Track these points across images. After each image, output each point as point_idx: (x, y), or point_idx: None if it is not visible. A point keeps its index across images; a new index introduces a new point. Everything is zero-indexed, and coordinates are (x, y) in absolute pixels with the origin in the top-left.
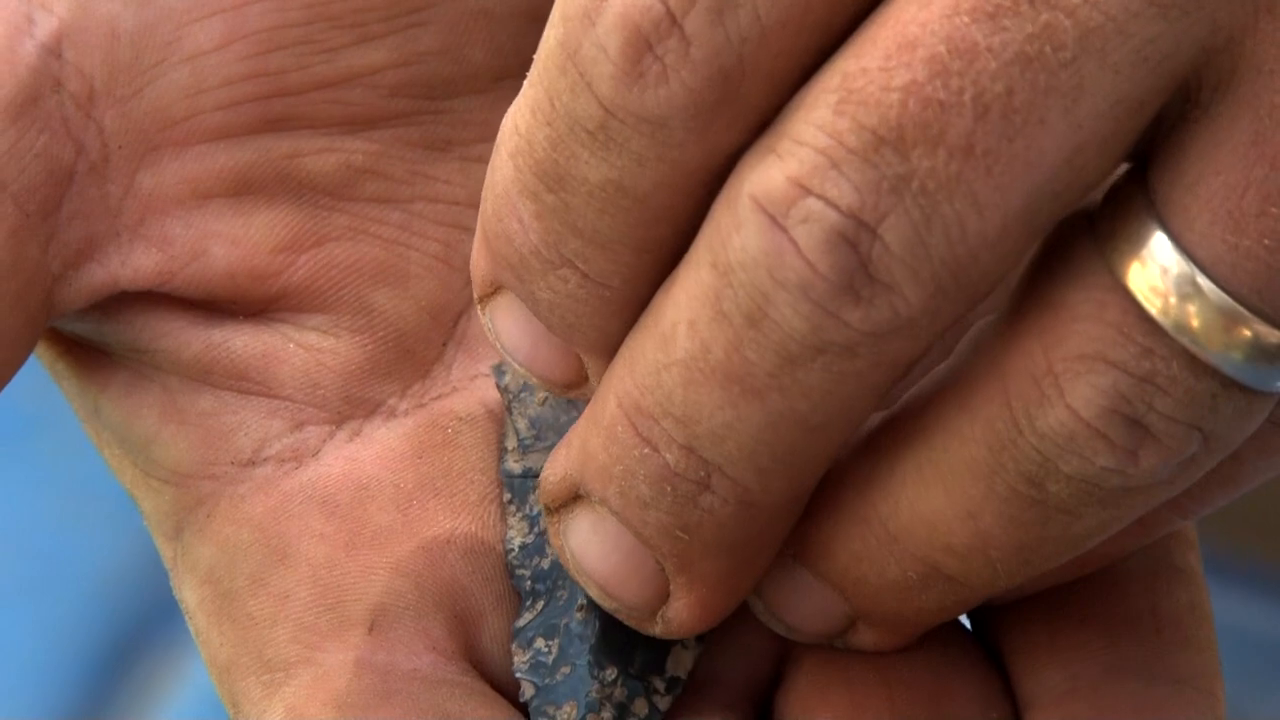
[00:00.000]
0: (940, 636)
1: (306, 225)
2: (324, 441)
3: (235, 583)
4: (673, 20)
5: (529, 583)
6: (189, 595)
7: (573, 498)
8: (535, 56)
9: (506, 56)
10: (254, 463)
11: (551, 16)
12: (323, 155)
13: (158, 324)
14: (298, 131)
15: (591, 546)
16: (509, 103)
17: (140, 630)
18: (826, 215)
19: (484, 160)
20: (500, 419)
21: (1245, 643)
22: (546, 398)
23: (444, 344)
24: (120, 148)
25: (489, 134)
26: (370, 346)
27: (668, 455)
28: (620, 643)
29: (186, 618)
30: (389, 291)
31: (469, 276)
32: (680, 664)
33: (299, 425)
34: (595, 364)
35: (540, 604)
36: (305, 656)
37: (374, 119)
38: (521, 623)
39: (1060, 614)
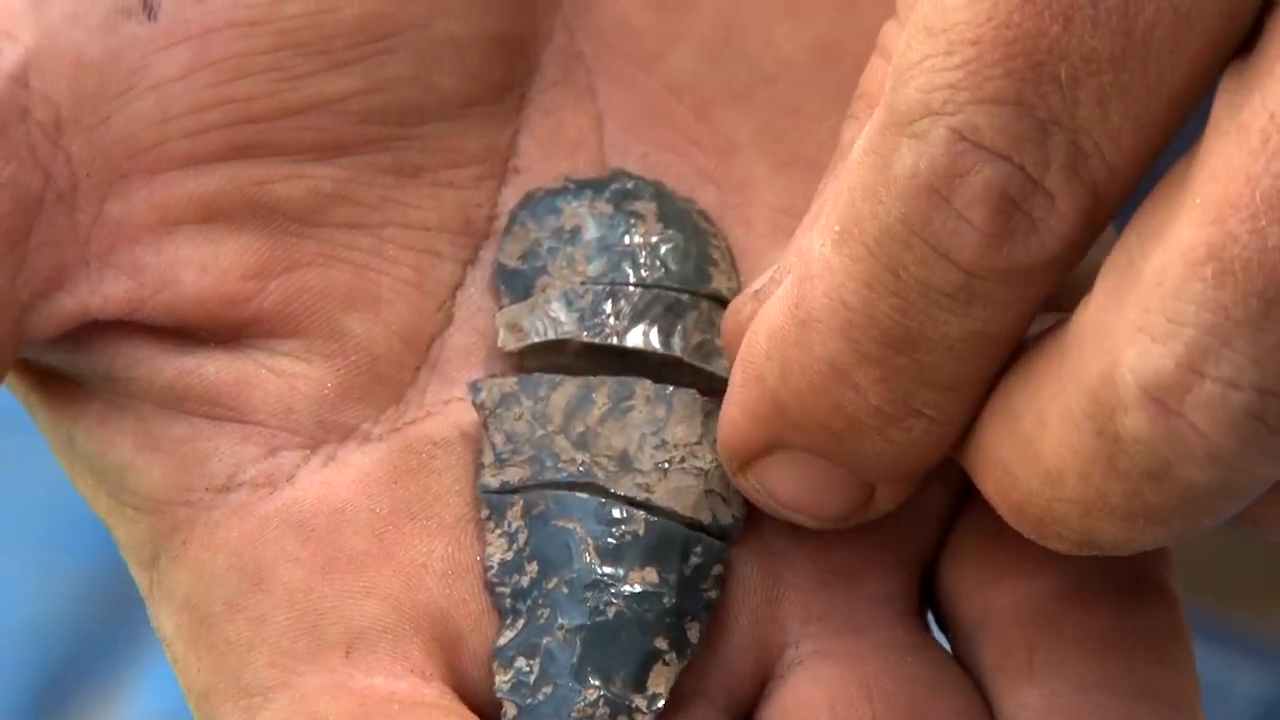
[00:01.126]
0: (922, 657)
1: (276, 251)
2: (298, 466)
3: (212, 609)
4: (1035, 182)
5: (509, 600)
6: (166, 623)
7: (767, 450)
8: (839, 233)
9: (475, 83)
10: (229, 488)
11: (847, 194)
12: (291, 181)
13: (130, 352)
14: (266, 158)
15: (788, 483)
16: (477, 128)
17: (71, 673)
18: (1229, 397)
19: (454, 185)
20: (476, 441)
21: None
22: (522, 413)
23: (417, 368)
24: (88, 176)
25: (458, 159)
26: (343, 371)
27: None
28: (602, 661)
29: (163, 645)
30: (361, 316)
31: (441, 301)
32: (662, 681)
33: (273, 451)
34: (898, 490)
35: (521, 622)
36: (283, 681)
37: (343, 145)
38: (502, 641)
39: (1038, 632)
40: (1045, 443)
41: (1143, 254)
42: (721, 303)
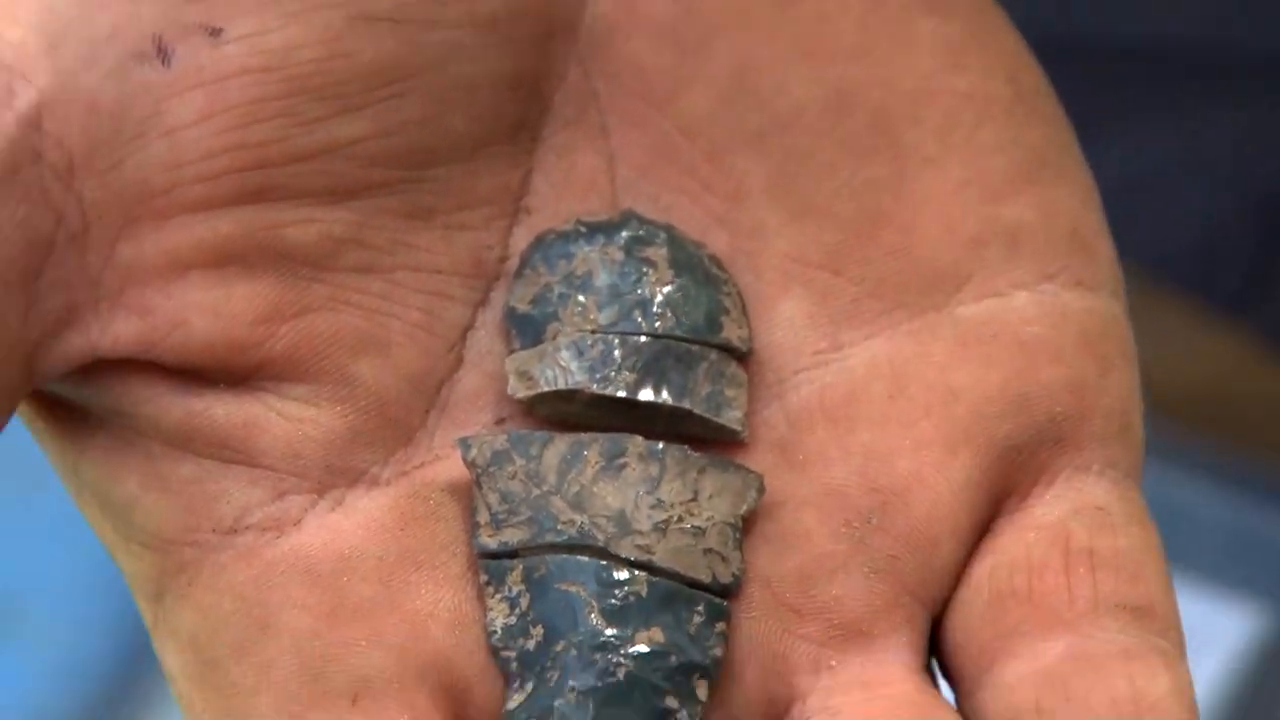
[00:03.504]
0: (931, 717)
1: (287, 296)
2: (306, 511)
3: (217, 651)
4: None
5: (515, 664)
6: (171, 660)
7: None
8: None
9: (487, 124)
10: (235, 531)
11: None
12: (303, 226)
13: (138, 390)
14: (278, 203)
15: None
16: (489, 169)
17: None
18: None
19: (465, 227)
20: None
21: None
22: (515, 472)
23: (426, 411)
24: (100, 218)
25: (470, 201)
26: (352, 416)
27: None
28: None
29: (168, 681)
30: (371, 361)
31: (451, 343)
32: None
33: (281, 494)
34: None
35: (530, 685)
36: None
37: (355, 189)
38: (511, 705)
39: (1046, 695)
40: None
41: None
42: (731, 351)
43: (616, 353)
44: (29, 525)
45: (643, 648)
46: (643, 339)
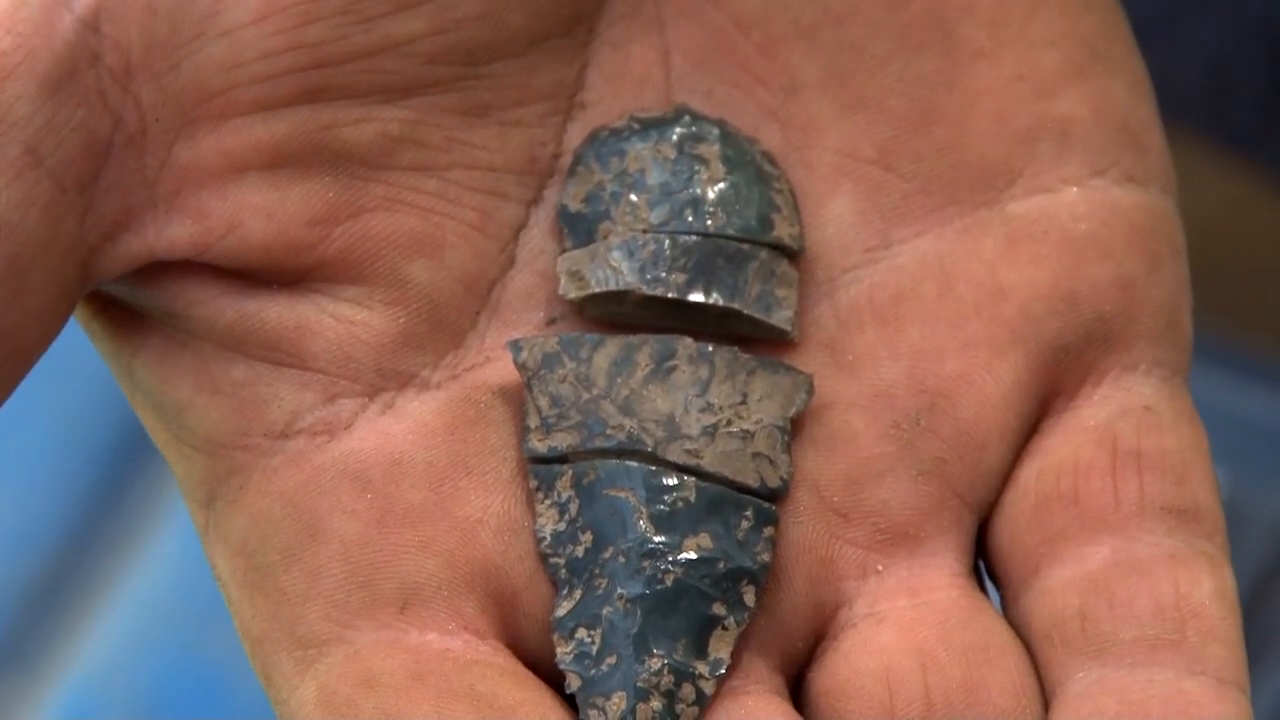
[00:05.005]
0: (976, 623)
1: (343, 197)
2: (356, 415)
3: (267, 557)
4: None
5: (564, 571)
6: (221, 565)
7: None
8: None
9: (543, 19)
10: (286, 435)
11: None
12: (360, 125)
13: (192, 292)
14: (335, 102)
15: None
16: (545, 64)
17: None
18: None
19: (520, 124)
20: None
21: (1245, 431)
22: (566, 375)
23: (477, 313)
24: (157, 121)
25: (526, 97)
26: (404, 318)
27: None
28: (663, 631)
29: (219, 585)
30: (424, 262)
31: (504, 243)
32: (723, 646)
33: (332, 398)
34: None
35: (578, 593)
36: (337, 635)
37: (411, 87)
38: (561, 613)
39: (1091, 601)
40: None
41: None
42: (782, 250)
43: (667, 253)
44: None
45: (691, 554)
46: (693, 238)
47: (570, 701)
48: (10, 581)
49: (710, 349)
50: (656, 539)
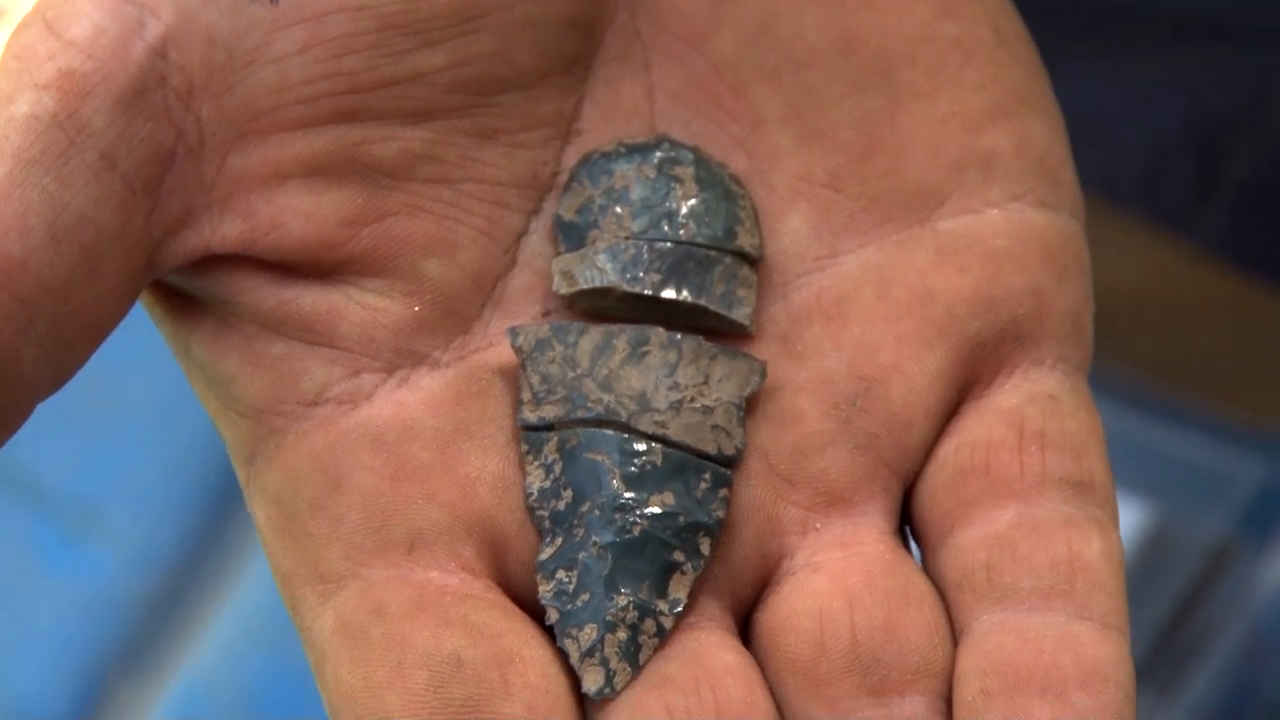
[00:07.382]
0: (899, 573)
1: (370, 202)
2: (376, 388)
3: (297, 505)
4: None
5: (548, 522)
6: (259, 513)
7: None
8: None
9: (548, 58)
10: (316, 403)
11: None
12: (386, 142)
13: (240, 281)
14: (366, 122)
15: None
16: (548, 97)
17: None
18: None
19: (525, 146)
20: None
21: (1172, 467)
22: (555, 357)
23: (483, 305)
24: (214, 135)
25: (530, 124)
26: (420, 307)
27: None
28: (630, 573)
29: (257, 531)
30: (438, 260)
31: (507, 246)
32: (681, 588)
33: (356, 373)
34: None
35: (559, 540)
36: (354, 571)
37: (431, 111)
38: (544, 557)
39: (996, 556)
40: None
41: None
42: (744, 257)
43: (645, 257)
44: (102, 438)
45: (656, 509)
46: (668, 245)
47: (550, 632)
48: (132, 598)
49: (679, 337)
50: (627, 495)
